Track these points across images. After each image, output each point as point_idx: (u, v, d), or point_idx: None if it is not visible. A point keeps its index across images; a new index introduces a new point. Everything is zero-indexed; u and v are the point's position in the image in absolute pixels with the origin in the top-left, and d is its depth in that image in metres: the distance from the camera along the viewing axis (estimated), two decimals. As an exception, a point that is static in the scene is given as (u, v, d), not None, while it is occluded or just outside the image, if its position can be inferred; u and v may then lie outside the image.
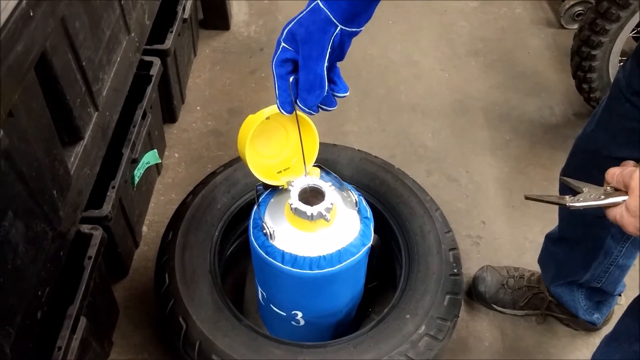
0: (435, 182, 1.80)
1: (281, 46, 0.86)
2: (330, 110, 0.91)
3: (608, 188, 0.74)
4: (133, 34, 1.37)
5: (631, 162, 0.73)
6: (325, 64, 0.83)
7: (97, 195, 1.25)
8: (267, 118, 1.05)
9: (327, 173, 1.15)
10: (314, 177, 1.08)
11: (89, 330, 1.09)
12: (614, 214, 0.70)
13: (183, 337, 1.14)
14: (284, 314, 1.18)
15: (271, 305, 1.20)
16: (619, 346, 0.96)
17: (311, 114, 0.91)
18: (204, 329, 1.13)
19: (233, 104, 2.03)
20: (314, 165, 1.11)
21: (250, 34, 2.32)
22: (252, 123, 1.04)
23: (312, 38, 0.81)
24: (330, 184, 1.08)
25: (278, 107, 0.91)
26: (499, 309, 1.49)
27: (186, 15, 1.84)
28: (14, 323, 0.88)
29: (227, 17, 2.29)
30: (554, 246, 1.36)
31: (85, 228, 1.16)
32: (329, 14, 0.79)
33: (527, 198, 0.83)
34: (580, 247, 1.27)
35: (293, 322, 1.19)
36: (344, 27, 0.81)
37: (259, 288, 1.22)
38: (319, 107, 0.90)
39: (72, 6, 1.01)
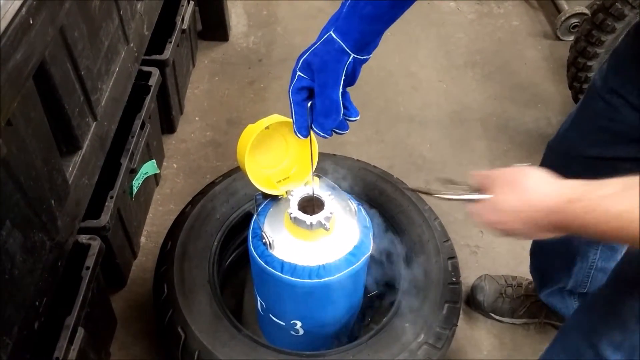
0: (434, 192, 1.81)
1: (297, 75, 0.89)
2: (342, 134, 0.94)
3: (469, 187, 0.81)
4: (132, 44, 1.38)
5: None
6: (340, 90, 0.87)
7: (95, 205, 1.24)
8: (267, 128, 1.05)
9: (327, 182, 1.15)
10: (314, 187, 1.08)
11: (86, 341, 1.08)
12: (471, 209, 0.78)
13: (182, 347, 1.13)
14: (283, 324, 1.18)
15: (270, 315, 1.19)
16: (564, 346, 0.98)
17: (326, 137, 0.94)
18: (202, 339, 1.12)
19: (232, 114, 2.03)
20: (313, 175, 1.11)
21: (249, 45, 2.33)
22: (251, 133, 1.04)
23: (327, 67, 0.85)
24: (329, 193, 1.08)
25: (295, 132, 0.94)
26: (497, 317, 1.49)
27: (185, 26, 1.85)
28: (12, 333, 0.87)
29: (226, 29, 2.30)
30: (534, 255, 1.38)
31: (83, 238, 1.16)
32: (342, 44, 0.84)
33: (412, 190, 0.88)
34: (557, 254, 1.28)
35: (292, 332, 1.19)
36: (356, 56, 0.85)
37: (258, 298, 1.21)
38: (332, 131, 0.93)
39: (71, 15, 1.02)
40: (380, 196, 1.39)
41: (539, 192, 0.69)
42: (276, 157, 1.14)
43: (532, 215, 0.69)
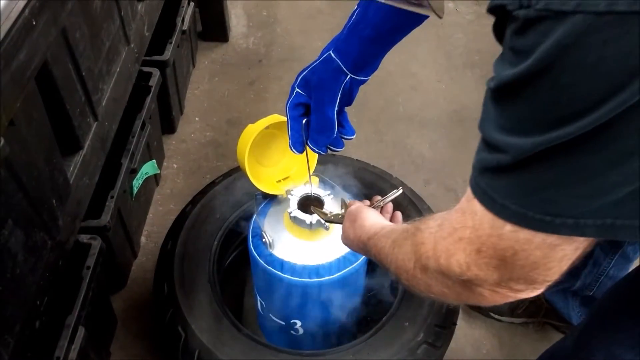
0: (433, 191, 1.81)
1: (295, 91, 0.91)
2: (337, 151, 0.97)
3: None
4: (132, 45, 1.38)
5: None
6: (336, 108, 0.89)
7: (96, 205, 1.25)
8: (267, 128, 1.06)
9: (326, 182, 1.16)
10: (313, 186, 1.09)
11: (87, 341, 1.09)
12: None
13: (182, 346, 1.13)
14: (283, 323, 1.18)
15: (270, 314, 1.20)
16: None
17: (320, 153, 0.96)
18: (203, 339, 1.13)
19: (231, 114, 2.04)
20: (312, 175, 1.11)
21: (249, 45, 2.34)
22: (251, 132, 1.05)
23: (324, 85, 0.87)
24: (329, 192, 1.08)
25: (290, 146, 0.96)
26: (497, 317, 1.49)
27: (185, 27, 1.85)
28: (13, 332, 0.88)
29: (225, 29, 2.31)
30: None
31: (84, 238, 1.16)
32: (340, 63, 0.85)
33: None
34: None
35: (292, 331, 1.19)
36: (353, 76, 0.87)
37: (258, 297, 1.22)
38: (327, 147, 0.95)
39: (73, 16, 1.02)
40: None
41: (361, 228, 0.83)
42: (276, 156, 1.15)
43: (358, 244, 0.84)
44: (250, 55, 2.29)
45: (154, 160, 1.62)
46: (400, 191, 0.95)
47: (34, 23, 0.83)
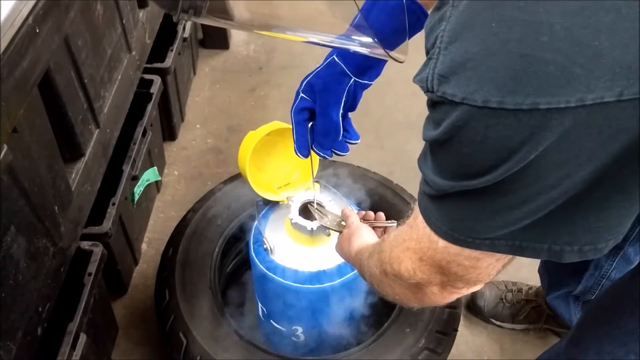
0: (434, 198, 1.81)
1: (300, 96, 0.92)
2: (342, 155, 0.97)
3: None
4: (134, 53, 1.39)
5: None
6: (340, 111, 0.90)
7: (97, 212, 1.25)
8: (268, 134, 1.07)
9: (327, 188, 1.16)
10: (314, 192, 1.10)
11: (88, 347, 1.09)
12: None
13: (183, 353, 1.13)
14: (284, 329, 1.18)
15: (271, 320, 1.20)
16: None
17: (325, 157, 0.96)
18: (204, 345, 1.13)
19: (232, 121, 2.05)
20: (314, 181, 1.12)
21: (250, 53, 2.35)
22: (252, 139, 1.05)
23: (329, 88, 0.89)
24: (330, 199, 1.09)
25: (295, 151, 0.96)
26: (498, 323, 1.49)
27: (186, 35, 1.86)
28: (15, 339, 0.88)
29: (226, 37, 2.32)
30: None
31: (86, 244, 1.16)
32: (344, 67, 0.87)
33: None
34: None
35: (293, 337, 1.19)
36: (357, 79, 0.89)
37: (259, 303, 1.22)
38: (332, 151, 0.95)
39: (75, 24, 1.03)
40: (380, 202, 1.40)
41: (352, 246, 0.90)
42: (277, 163, 1.16)
43: (348, 259, 0.92)
44: (251, 63, 2.30)
45: (155, 167, 1.63)
46: (395, 224, 0.98)
47: (37, 31, 0.84)
